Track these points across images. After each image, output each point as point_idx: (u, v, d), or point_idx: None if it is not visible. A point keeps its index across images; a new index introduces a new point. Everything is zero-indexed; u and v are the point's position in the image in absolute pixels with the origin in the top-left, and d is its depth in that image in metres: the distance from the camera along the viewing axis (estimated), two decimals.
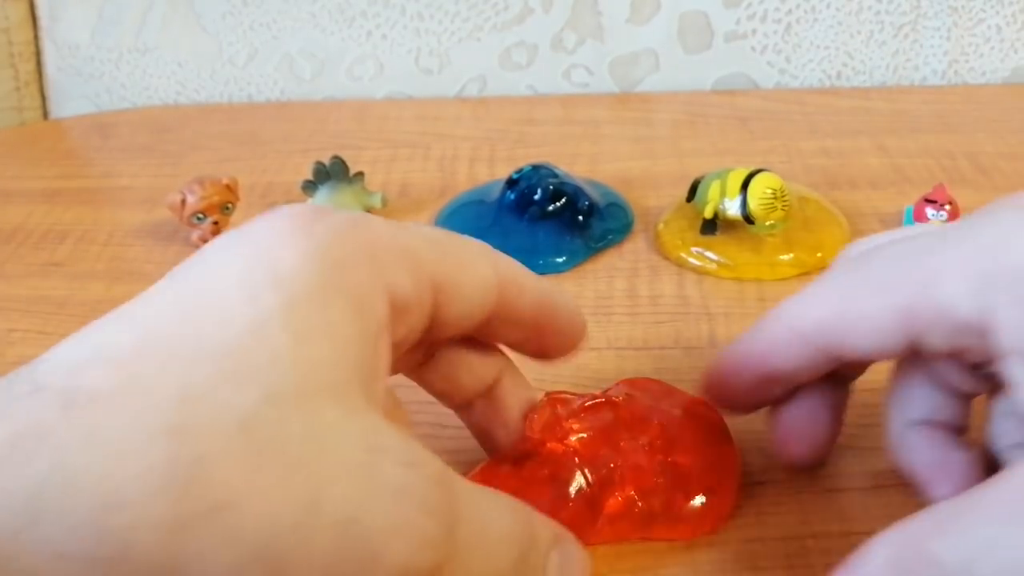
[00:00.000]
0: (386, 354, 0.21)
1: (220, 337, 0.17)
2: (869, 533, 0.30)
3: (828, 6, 0.60)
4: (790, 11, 0.60)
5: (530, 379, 0.29)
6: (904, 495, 0.31)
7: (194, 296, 0.18)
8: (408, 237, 0.22)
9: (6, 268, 0.46)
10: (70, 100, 0.64)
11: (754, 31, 0.61)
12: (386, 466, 0.18)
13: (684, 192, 0.45)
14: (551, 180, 0.44)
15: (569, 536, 0.24)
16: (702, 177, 0.45)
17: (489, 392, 0.28)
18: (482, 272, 0.23)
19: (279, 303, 0.18)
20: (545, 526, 0.23)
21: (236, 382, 0.17)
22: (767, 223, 0.42)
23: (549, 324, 0.26)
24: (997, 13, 0.61)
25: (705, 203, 0.43)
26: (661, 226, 0.45)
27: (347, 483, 0.17)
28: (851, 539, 0.29)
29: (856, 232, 0.44)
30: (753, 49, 0.62)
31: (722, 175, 0.43)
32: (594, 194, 0.46)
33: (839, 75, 0.62)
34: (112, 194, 0.53)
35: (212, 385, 0.17)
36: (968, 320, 0.23)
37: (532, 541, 0.21)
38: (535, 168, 0.45)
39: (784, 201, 0.42)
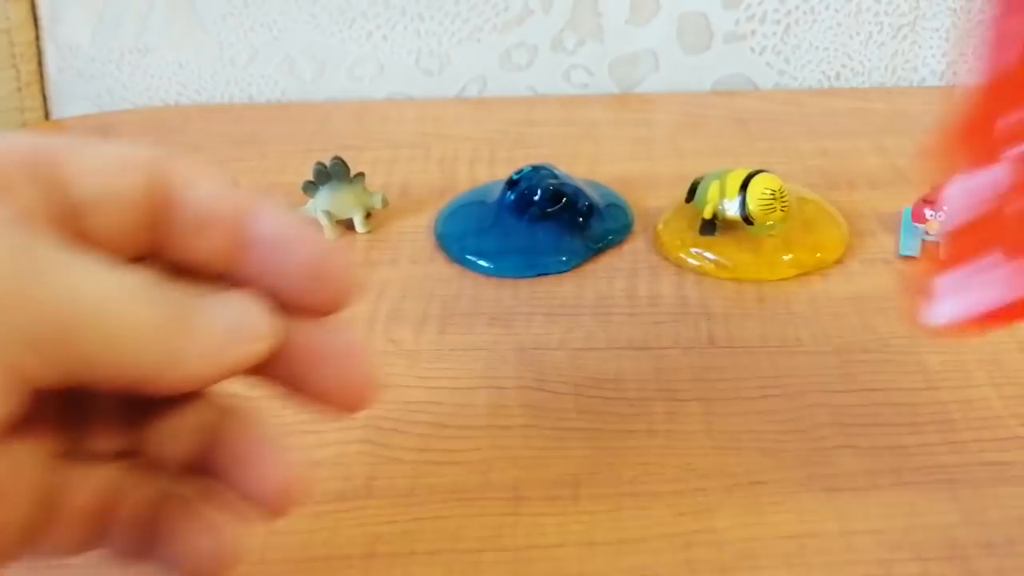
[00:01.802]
0: None
1: None
2: (869, 533, 0.30)
3: (827, 7, 0.60)
4: (789, 12, 0.61)
5: (518, 385, 0.29)
6: (904, 495, 0.31)
7: None
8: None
9: None
10: (71, 101, 0.64)
11: (753, 32, 0.61)
12: None
13: (683, 193, 0.46)
14: (551, 181, 0.44)
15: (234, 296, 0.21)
16: (701, 178, 0.45)
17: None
18: (111, 149, 0.21)
19: None
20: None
21: None
22: (766, 224, 0.42)
23: (258, 240, 0.22)
24: None
25: (704, 204, 0.43)
26: (660, 227, 0.45)
27: None
28: (850, 539, 0.30)
29: (855, 232, 0.45)
30: (752, 50, 0.62)
31: (721, 176, 0.43)
32: (594, 195, 0.46)
33: (838, 76, 0.62)
34: None
35: None
36: None
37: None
38: (535, 169, 0.45)
39: (783, 202, 0.42)
